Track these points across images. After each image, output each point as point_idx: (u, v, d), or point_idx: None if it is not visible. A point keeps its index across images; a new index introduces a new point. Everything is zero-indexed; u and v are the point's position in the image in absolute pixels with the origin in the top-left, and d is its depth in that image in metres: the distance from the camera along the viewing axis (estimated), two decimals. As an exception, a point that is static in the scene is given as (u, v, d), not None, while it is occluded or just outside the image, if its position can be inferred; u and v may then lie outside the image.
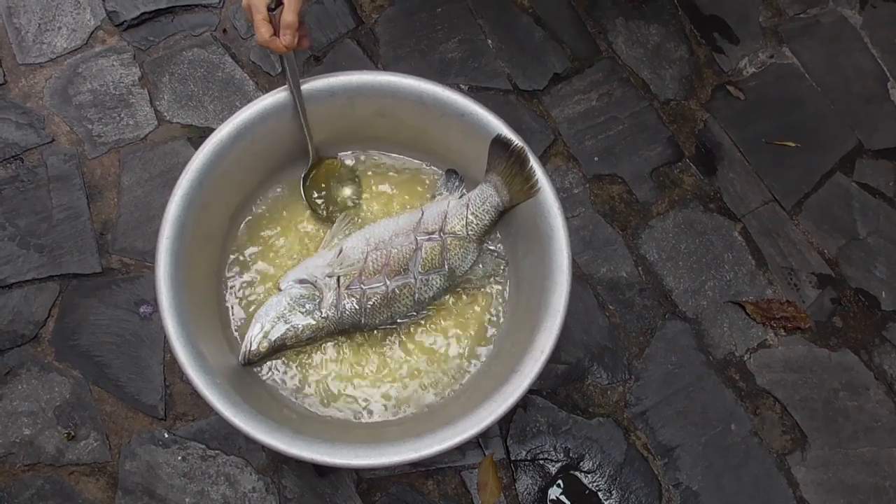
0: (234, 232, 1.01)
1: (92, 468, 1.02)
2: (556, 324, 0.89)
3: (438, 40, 1.28)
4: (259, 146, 0.97)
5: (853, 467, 1.11)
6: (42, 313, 1.08)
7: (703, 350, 1.15)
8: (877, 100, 1.35)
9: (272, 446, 0.82)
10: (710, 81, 1.32)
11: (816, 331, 1.18)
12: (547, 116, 1.26)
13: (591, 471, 1.08)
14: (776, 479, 1.10)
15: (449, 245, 0.97)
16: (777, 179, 1.26)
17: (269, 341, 0.93)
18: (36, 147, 1.16)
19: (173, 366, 1.06)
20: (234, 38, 1.25)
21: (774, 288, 1.20)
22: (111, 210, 1.14)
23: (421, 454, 0.83)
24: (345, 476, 1.04)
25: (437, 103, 0.97)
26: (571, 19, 1.32)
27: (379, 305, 0.95)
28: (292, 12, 0.90)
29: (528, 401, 1.09)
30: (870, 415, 1.14)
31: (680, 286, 1.18)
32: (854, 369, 1.17)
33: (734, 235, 1.22)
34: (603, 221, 1.20)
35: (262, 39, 0.91)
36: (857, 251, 1.24)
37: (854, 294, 1.21)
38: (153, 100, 1.20)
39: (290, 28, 0.90)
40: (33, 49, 1.21)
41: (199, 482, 1.02)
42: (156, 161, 1.17)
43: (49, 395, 1.04)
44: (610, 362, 1.13)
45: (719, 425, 1.12)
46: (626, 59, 1.31)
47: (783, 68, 1.35)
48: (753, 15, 1.38)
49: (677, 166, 1.25)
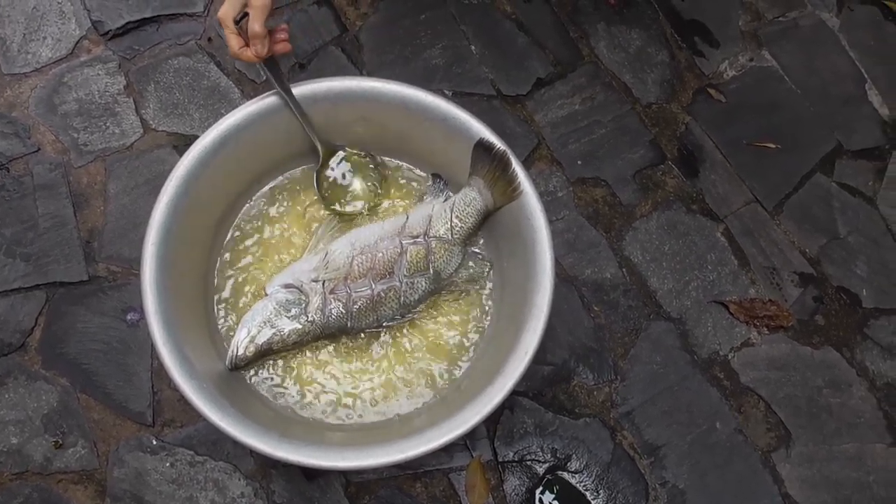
0: (220, 237, 1.02)
1: (80, 476, 1.02)
2: (541, 324, 0.90)
3: (422, 47, 1.29)
4: (244, 152, 0.97)
5: (837, 463, 1.13)
6: (29, 322, 1.08)
7: (688, 350, 1.16)
8: (855, 101, 1.37)
9: (259, 449, 0.82)
10: (691, 85, 1.34)
11: (799, 329, 1.20)
12: (530, 121, 1.27)
13: (579, 471, 1.09)
14: (761, 475, 1.11)
15: (434, 248, 0.98)
16: (758, 180, 1.28)
17: (256, 346, 0.93)
18: (21, 156, 1.16)
19: (161, 372, 1.06)
20: (220, 47, 1.26)
21: (757, 287, 1.21)
22: (97, 218, 1.14)
23: (407, 455, 0.84)
24: (333, 480, 1.04)
25: (420, 108, 0.98)
26: (554, 25, 1.34)
27: (365, 309, 0.96)
28: (257, 22, 0.91)
29: (514, 402, 1.10)
30: (853, 411, 1.16)
31: (664, 287, 1.19)
32: (836, 367, 1.18)
33: (717, 236, 1.23)
34: (587, 224, 1.22)
35: (233, 51, 0.94)
36: (838, 250, 1.26)
37: (835, 292, 1.23)
38: (139, 108, 1.21)
39: (257, 37, 0.92)
40: (18, 59, 1.21)
41: (188, 488, 1.02)
42: (142, 169, 1.17)
43: (36, 403, 1.04)
44: (595, 363, 1.14)
45: (704, 424, 1.13)
46: (608, 64, 1.33)
47: (763, 71, 1.37)
48: (733, 19, 1.40)
49: (660, 169, 1.27)
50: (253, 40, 0.93)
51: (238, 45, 0.93)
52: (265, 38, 0.93)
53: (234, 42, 0.93)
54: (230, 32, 0.93)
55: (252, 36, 0.92)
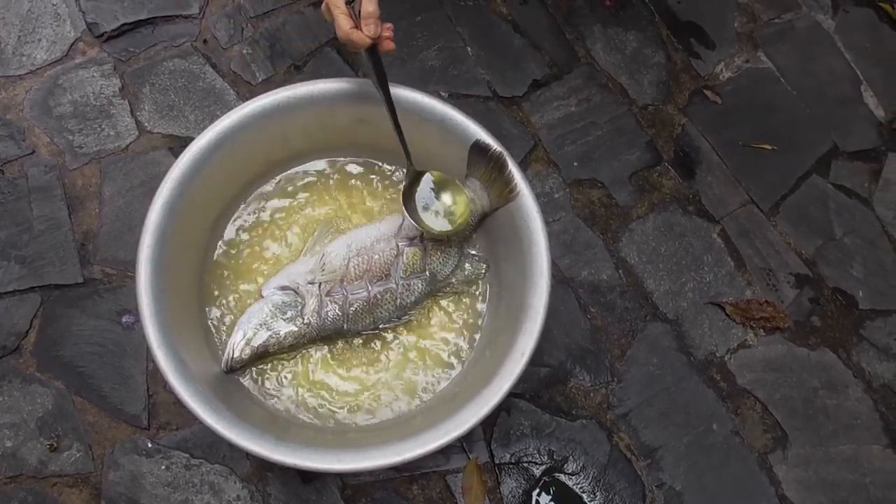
0: (215, 239, 1.02)
1: (75, 479, 1.02)
2: (537, 326, 0.90)
3: (418, 48, 1.29)
4: (240, 154, 0.97)
5: (833, 465, 1.13)
6: (24, 324, 1.07)
7: (684, 351, 1.16)
8: (851, 102, 1.37)
9: (255, 452, 0.82)
10: (688, 86, 1.34)
11: (795, 330, 1.20)
12: (527, 122, 1.27)
13: (576, 473, 1.09)
14: (758, 477, 1.11)
15: (430, 250, 0.98)
16: (754, 182, 1.28)
17: (252, 348, 0.93)
18: (16, 158, 1.16)
19: (156, 375, 1.06)
20: (215, 49, 1.25)
21: (753, 288, 1.21)
22: (93, 220, 1.14)
23: (404, 457, 0.83)
24: (329, 482, 1.04)
25: (416, 109, 0.98)
26: (550, 26, 1.34)
27: (361, 311, 0.96)
28: (373, 2, 0.86)
29: (511, 404, 1.10)
30: (849, 412, 1.16)
31: (660, 288, 1.19)
32: (833, 368, 1.18)
33: (713, 237, 1.23)
34: (583, 225, 1.21)
35: (344, 32, 0.87)
36: (834, 251, 1.26)
37: (832, 293, 1.23)
38: (134, 110, 1.20)
39: (372, 17, 0.86)
40: (13, 61, 1.21)
41: (184, 491, 1.02)
42: (137, 171, 1.17)
43: (31, 406, 1.04)
44: (592, 364, 1.14)
45: (701, 425, 1.13)
46: (604, 65, 1.33)
47: (759, 73, 1.37)
48: (729, 20, 1.41)
49: (656, 170, 1.27)
50: (366, 20, 0.86)
51: (350, 26, 0.86)
52: (378, 20, 0.88)
53: (344, 22, 0.86)
54: (341, 13, 0.87)
55: (366, 16, 0.86)
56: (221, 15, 1.27)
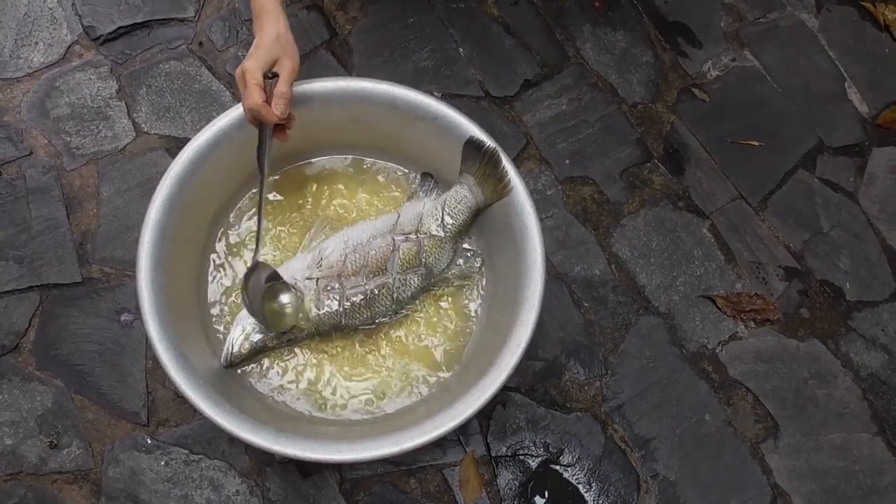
0: (213, 236, 1.03)
1: (75, 476, 1.03)
2: (532, 317, 0.91)
3: (411, 49, 1.31)
4: (237, 152, 0.99)
5: (824, 453, 1.15)
6: (23, 323, 1.08)
7: (677, 344, 1.18)
8: (835, 99, 1.40)
9: (255, 444, 0.83)
10: (676, 85, 1.36)
11: (785, 322, 1.22)
12: (519, 121, 1.29)
13: (571, 465, 1.10)
14: (750, 466, 1.13)
15: (426, 245, 0.99)
16: (743, 177, 1.30)
17: (251, 343, 0.94)
18: (14, 160, 1.16)
19: (155, 372, 1.07)
20: (210, 51, 1.27)
21: (743, 282, 1.23)
22: (90, 221, 1.15)
23: (403, 447, 0.85)
24: (328, 476, 1.05)
25: (410, 107, 1.00)
26: (540, 27, 1.36)
27: (358, 306, 0.97)
28: (287, 84, 0.90)
29: (507, 398, 1.12)
30: (838, 402, 1.18)
31: (652, 282, 1.21)
32: (822, 358, 1.20)
33: (703, 232, 1.26)
34: (576, 222, 1.23)
35: (254, 104, 0.88)
36: (822, 244, 1.28)
37: (820, 286, 1.25)
38: (131, 112, 1.22)
39: (284, 98, 0.89)
40: (10, 64, 1.22)
41: (183, 486, 1.03)
42: (134, 172, 1.18)
43: (31, 404, 1.05)
44: (586, 358, 1.16)
45: (694, 416, 1.14)
46: (593, 65, 1.35)
47: (745, 71, 1.39)
48: (715, 20, 1.43)
49: (646, 167, 1.29)
50: (278, 100, 0.89)
51: (262, 99, 0.88)
52: (289, 103, 0.90)
53: (257, 95, 0.88)
54: (256, 84, 0.88)
55: (279, 96, 0.89)
56: (216, 18, 1.29)
